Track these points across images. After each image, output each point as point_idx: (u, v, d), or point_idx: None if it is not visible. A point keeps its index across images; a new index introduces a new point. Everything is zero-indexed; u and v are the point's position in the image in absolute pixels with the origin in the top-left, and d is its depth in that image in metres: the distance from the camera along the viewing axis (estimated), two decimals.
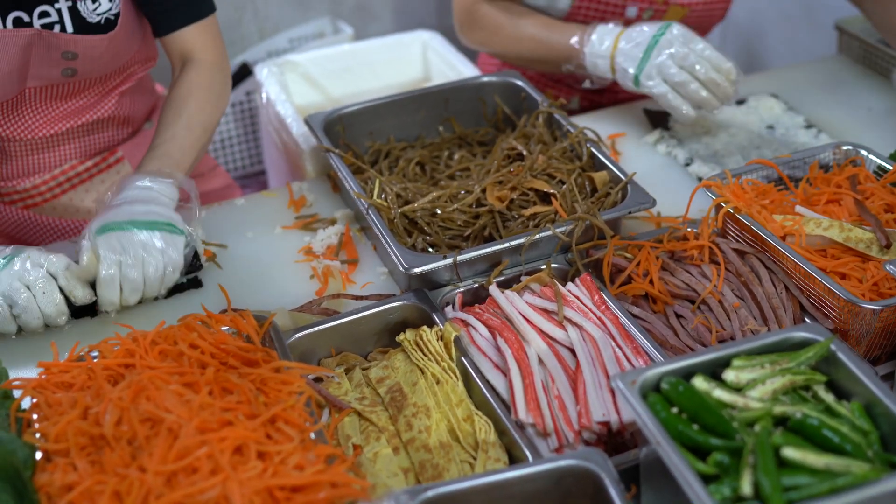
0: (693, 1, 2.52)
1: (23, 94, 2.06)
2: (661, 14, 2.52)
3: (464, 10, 2.54)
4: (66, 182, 2.29)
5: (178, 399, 1.47)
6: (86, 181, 2.31)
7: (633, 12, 2.50)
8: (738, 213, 1.89)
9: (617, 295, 1.86)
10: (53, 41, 1.96)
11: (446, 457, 1.56)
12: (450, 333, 1.72)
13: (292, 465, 1.39)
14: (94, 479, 1.38)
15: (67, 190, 2.29)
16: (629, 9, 2.50)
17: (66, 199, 2.30)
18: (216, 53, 2.19)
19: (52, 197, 2.29)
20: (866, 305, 1.67)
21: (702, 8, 2.55)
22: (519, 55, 2.54)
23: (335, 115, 2.30)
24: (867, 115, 2.51)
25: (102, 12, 2.02)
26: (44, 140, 2.18)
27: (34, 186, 2.26)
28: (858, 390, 1.41)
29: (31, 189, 2.26)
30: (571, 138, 2.16)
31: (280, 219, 2.22)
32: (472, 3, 2.51)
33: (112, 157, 2.34)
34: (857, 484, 1.25)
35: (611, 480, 1.37)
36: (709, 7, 2.56)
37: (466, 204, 2.01)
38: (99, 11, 2.01)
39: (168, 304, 1.96)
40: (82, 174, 2.30)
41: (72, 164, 2.28)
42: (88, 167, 2.30)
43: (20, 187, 2.25)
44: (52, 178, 2.27)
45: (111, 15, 2.03)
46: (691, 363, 1.44)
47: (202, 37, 2.16)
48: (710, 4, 2.55)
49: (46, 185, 2.27)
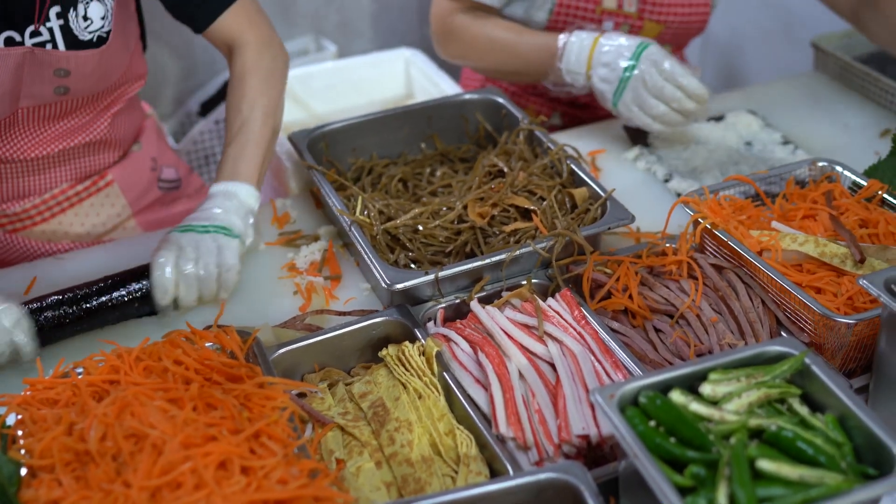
0: (669, 19, 2.55)
1: (16, 114, 2.07)
2: (638, 30, 2.55)
3: (439, 22, 2.55)
4: (56, 206, 2.28)
5: (162, 415, 1.48)
6: (76, 205, 2.31)
7: (609, 26, 2.53)
8: (716, 228, 1.92)
9: (597, 310, 1.89)
10: (45, 58, 1.98)
11: (428, 471, 1.58)
12: (431, 349, 1.74)
13: (276, 480, 1.41)
14: (78, 495, 1.39)
15: (57, 213, 2.29)
16: (605, 23, 2.53)
17: (55, 223, 2.30)
18: (258, 32, 2.19)
19: (42, 220, 2.29)
20: (841, 319, 1.69)
21: (678, 24, 2.58)
22: (497, 68, 2.57)
23: (318, 132, 2.32)
24: (843, 132, 2.55)
25: (94, 30, 2.03)
26: (36, 162, 2.19)
27: (24, 210, 2.26)
28: (832, 403, 1.44)
29: (22, 213, 2.26)
30: (552, 155, 2.18)
31: (264, 235, 2.23)
32: (447, 13, 2.53)
33: (102, 181, 2.33)
34: (831, 495, 1.28)
35: (590, 493, 1.39)
36: (685, 24, 2.59)
37: (448, 220, 2.03)
38: (91, 29, 2.02)
39: (152, 321, 1.97)
40: (72, 198, 2.30)
41: (62, 187, 2.27)
42: (79, 191, 2.30)
43: (10, 211, 2.25)
44: (43, 202, 2.27)
45: (103, 33, 2.04)
46: (669, 377, 1.46)
47: (238, 20, 2.17)
48: (685, 22, 2.58)
49: (37, 208, 2.27)
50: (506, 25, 2.50)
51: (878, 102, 2.64)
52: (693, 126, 2.54)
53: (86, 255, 2.20)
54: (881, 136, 2.51)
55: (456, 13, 2.52)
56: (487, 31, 2.49)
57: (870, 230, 1.94)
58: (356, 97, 3.23)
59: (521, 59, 2.47)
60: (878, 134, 2.52)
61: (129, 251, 2.17)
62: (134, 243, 2.23)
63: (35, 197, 2.26)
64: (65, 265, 2.16)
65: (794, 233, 1.91)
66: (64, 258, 2.18)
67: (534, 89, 2.78)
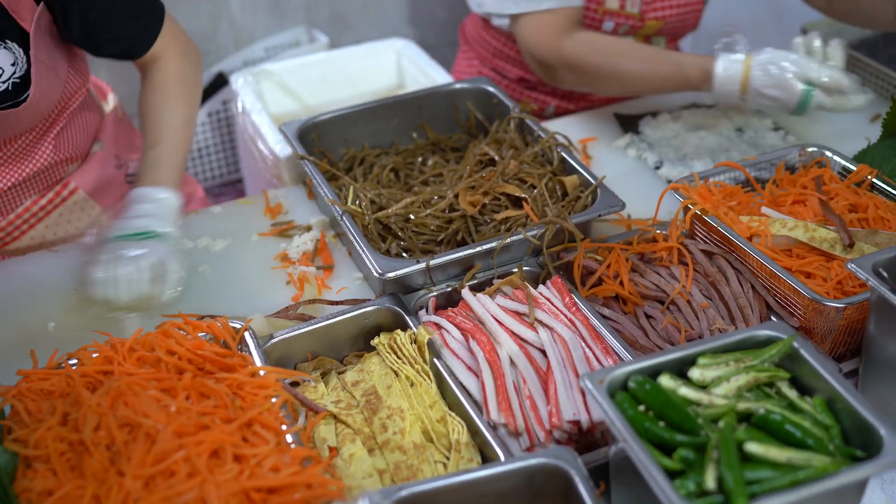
0: (667, 14, 2.55)
1: None
2: (638, 29, 2.55)
3: (551, 53, 2.41)
4: (23, 224, 2.24)
5: (155, 404, 1.49)
6: (43, 218, 2.26)
7: (609, 27, 2.53)
8: (706, 214, 1.93)
9: (588, 297, 1.89)
10: None
11: (420, 457, 1.59)
12: (423, 336, 1.75)
13: (268, 468, 1.42)
14: (73, 485, 1.41)
15: (27, 230, 2.25)
16: (605, 23, 2.53)
17: (27, 239, 2.27)
18: (178, 44, 2.17)
19: (13, 239, 2.25)
20: (830, 303, 1.70)
21: (675, 19, 2.58)
22: (624, 92, 2.51)
23: (310, 123, 2.32)
24: (834, 117, 2.55)
25: (6, 79, 1.96)
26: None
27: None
28: (821, 386, 1.45)
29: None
30: (542, 143, 2.19)
31: (257, 226, 2.24)
32: (555, 44, 2.40)
33: (65, 191, 2.27)
34: (818, 476, 1.29)
35: (580, 478, 1.40)
36: (682, 18, 2.59)
37: (439, 209, 2.04)
38: (2, 79, 1.95)
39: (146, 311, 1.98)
40: (38, 213, 2.25)
41: (26, 205, 2.21)
42: (43, 205, 2.24)
43: None
44: (9, 222, 2.22)
45: (16, 78, 1.97)
46: (658, 362, 1.47)
47: (164, 39, 2.14)
48: (683, 15, 2.58)
49: (4, 230, 2.22)
50: (633, 56, 2.39)
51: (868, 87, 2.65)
52: (683, 112, 2.55)
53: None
54: (871, 122, 2.52)
55: (562, 38, 2.40)
56: (613, 64, 2.37)
57: (859, 215, 1.95)
58: (348, 88, 3.24)
59: (655, 90, 2.44)
60: (869, 119, 2.53)
61: None
62: None
63: (1, 219, 2.21)
64: (59, 257, 2.17)
65: (784, 218, 1.92)
66: (58, 250, 2.19)
67: (527, 83, 2.78)
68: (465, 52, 2.94)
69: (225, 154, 4.32)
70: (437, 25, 4.59)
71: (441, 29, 4.57)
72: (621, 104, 2.66)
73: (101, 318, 1.90)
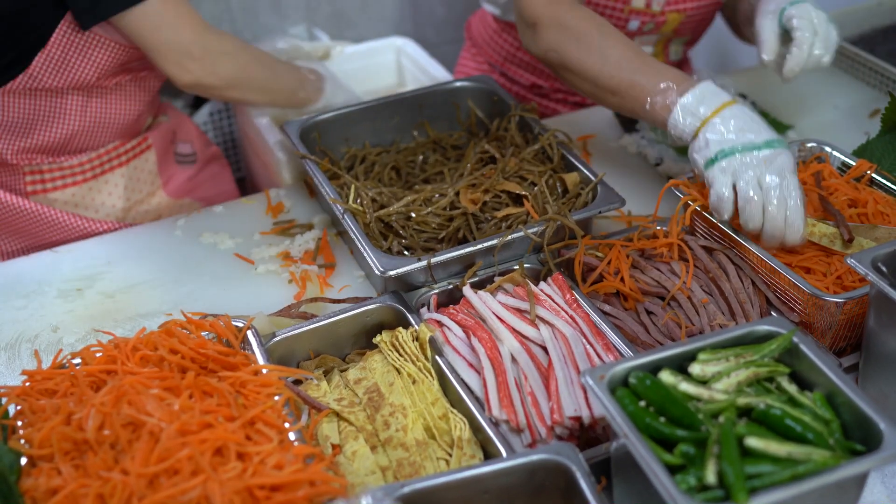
0: (687, 7, 2.53)
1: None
2: (661, 24, 2.53)
3: (545, 7, 2.18)
4: (107, 162, 2.42)
5: (158, 403, 1.50)
6: (124, 164, 2.45)
7: (634, 25, 2.52)
8: (706, 210, 1.93)
9: (588, 293, 1.90)
10: None
11: (423, 454, 1.60)
12: (425, 334, 1.76)
13: (272, 465, 1.43)
14: (77, 483, 1.41)
15: (107, 171, 2.42)
16: (631, 22, 2.51)
17: (102, 182, 2.43)
18: None
19: (93, 177, 2.41)
20: (830, 298, 1.71)
21: (695, 11, 2.56)
22: (594, 78, 2.10)
23: (311, 122, 2.33)
24: (833, 113, 2.56)
25: None
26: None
27: (80, 164, 2.38)
28: (820, 381, 1.45)
29: (76, 165, 2.39)
30: (543, 141, 2.19)
31: (258, 225, 2.25)
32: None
33: (144, 143, 2.49)
34: (818, 471, 1.29)
35: (582, 473, 1.40)
36: (700, 10, 2.56)
37: (440, 207, 2.05)
38: None
39: (149, 310, 1.99)
40: (122, 155, 2.45)
41: (114, 143, 2.42)
42: (127, 149, 2.45)
43: (66, 164, 2.37)
44: (97, 156, 2.41)
45: None
46: (658, 358, 1.48)
47: None
48: (701, 8, 2.56)
49: (91, 162, 2.40)
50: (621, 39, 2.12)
51: (866, 83, 2.66)
52: None
53: (83, 248, 2.21)
54: (870, 117, 2.52)
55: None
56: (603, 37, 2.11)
57: (859, 209, 1.95)
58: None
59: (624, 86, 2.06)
60: (868, 114, 2.54)
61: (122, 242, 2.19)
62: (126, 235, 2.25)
63: (91, 151, 2.38)
64: (62, 258, 2.18)
65: None
66: (61, 251, 2.20)
67: (540, 90, 2.78)
68: (472, 54, 2.92)
69: (226, 153, 4.33)
70: (438, 23, 4.59)
71: (441, 27, 4.57)
72: None
73: (103, 318, 1.91)
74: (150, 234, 2.24)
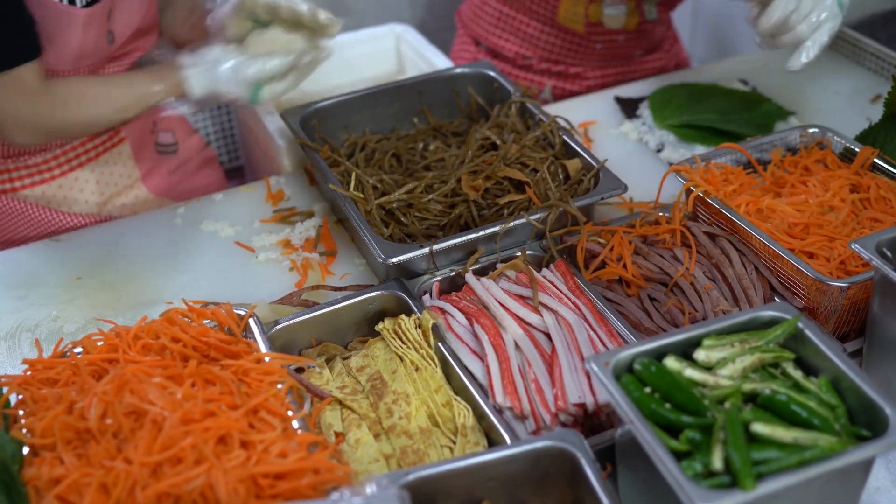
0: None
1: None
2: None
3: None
4: (74, 159, 2.32)
5: (161, 392, 1.49)
6: (92, 160, 2.35)
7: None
8: (708, 196, 1.93)
9: (591, 280, 1.90)
10: None
11: (426, 442, 1.59)
12: (427, 321, 1.75)
13: (275, 454, 1.42)
14: (80, 472, 1.41)
15: (75, 167, 2.33)
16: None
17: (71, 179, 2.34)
18: None
19: (61, 174, 2.32)
20: (834, 283, 1.71)
21: None
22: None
23: (311, 109, 2.32)
24: (835, 98, 2.55)
25: None
26: None
27: (45, 161, 2.29)
28: (826, 366, 1.45)
29: (41, 163, 2.29)
30: (544, 127, 2.19)
31: (258, 213, 2.24)
32: None
33: (116, 137, 2.39)
34: (824, 456, 1.29)
35: (587, 460, 1.40)
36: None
37: (442, 194, 2.04)
38: None
39: (150, 299, 1.99)
40: (90, 151, 2.34)
41: (80, 140, 2.32)
42: (96, 144, 2.35)
43: (31, 161, 2.28)
44: (63, 152, 2.30)
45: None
46: (663, 344, 1.47)
47: None
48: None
49: (56, 159, 2.30)
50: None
51: (868, 68, 2.65)
52: None
53: (83, 236, 2.21)
54: (872, 102, 2.52)
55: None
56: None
57: (861, 195, 1.95)
58: (347, 74, 3.22)
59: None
60: (869, 100, 2.53)
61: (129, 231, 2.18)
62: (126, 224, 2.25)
63: (56, 148, 2.29)
64: (62, 247, 2.17)
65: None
66: (62, 240, 2.19)
67: (525, 61, 2.77)
68: (461, 37, 2.93)
69: (225, 141, 4.32)
70: (437, 10, 4.58)
71: (440, 14, 4.56)
72: (622, 87, 2.65)
73: (104, 307, 1.90)
74: (150, 223, 2.23)
